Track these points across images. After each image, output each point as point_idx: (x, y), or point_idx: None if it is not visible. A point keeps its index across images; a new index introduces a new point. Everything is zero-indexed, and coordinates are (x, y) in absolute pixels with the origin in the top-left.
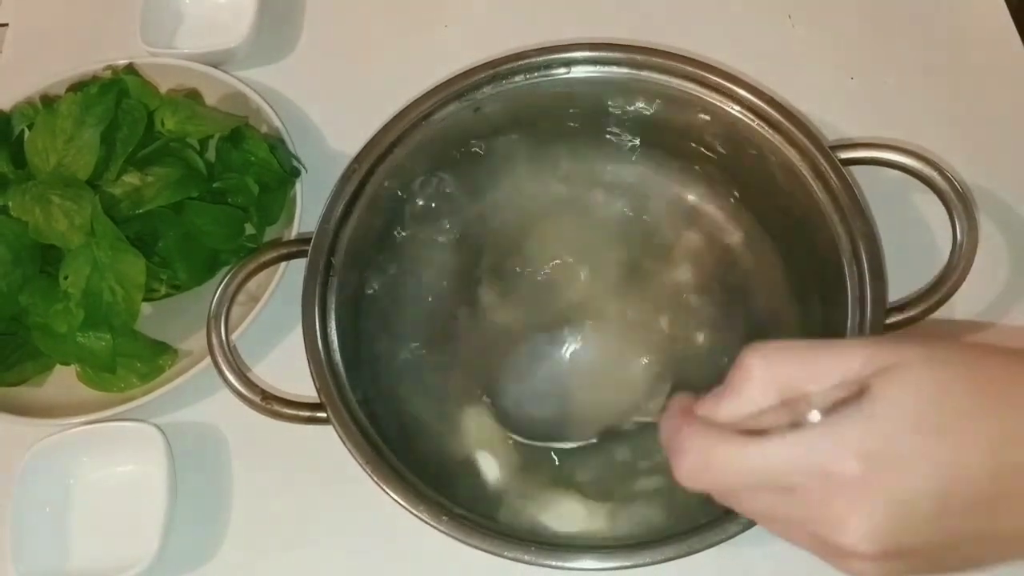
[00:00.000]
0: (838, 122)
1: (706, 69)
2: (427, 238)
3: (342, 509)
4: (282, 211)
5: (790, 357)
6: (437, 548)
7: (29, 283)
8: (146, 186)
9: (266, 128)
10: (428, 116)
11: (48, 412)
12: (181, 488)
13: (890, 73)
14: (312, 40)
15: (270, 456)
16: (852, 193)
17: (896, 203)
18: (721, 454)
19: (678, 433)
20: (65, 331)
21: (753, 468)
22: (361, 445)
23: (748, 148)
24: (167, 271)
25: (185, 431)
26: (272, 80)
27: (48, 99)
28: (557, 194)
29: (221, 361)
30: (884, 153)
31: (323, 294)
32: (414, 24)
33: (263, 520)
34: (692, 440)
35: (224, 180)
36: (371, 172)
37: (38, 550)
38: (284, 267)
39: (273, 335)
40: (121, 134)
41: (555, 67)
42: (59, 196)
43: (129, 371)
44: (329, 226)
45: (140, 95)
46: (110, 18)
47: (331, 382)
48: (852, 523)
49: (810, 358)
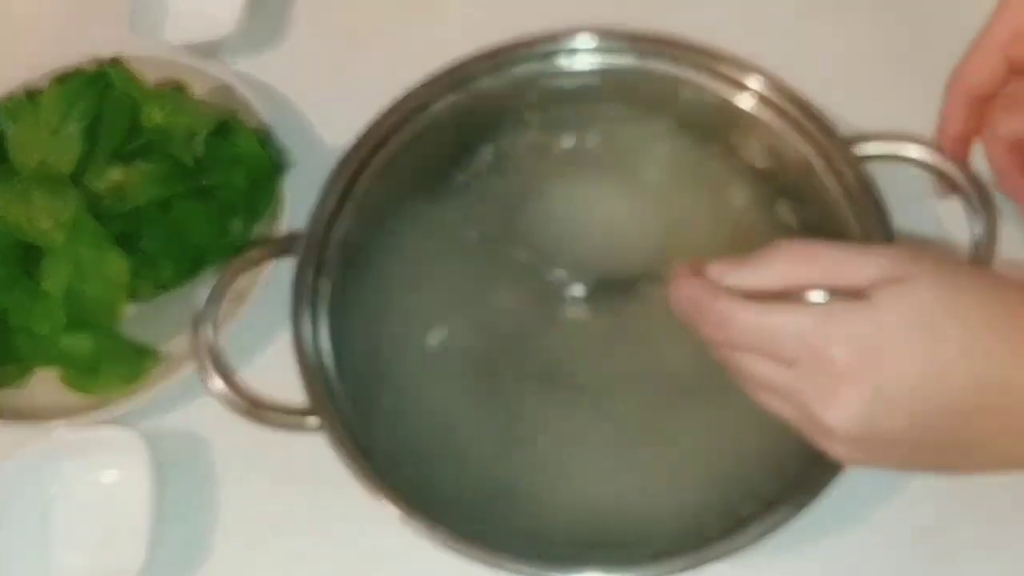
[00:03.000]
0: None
1: (716, 58)
2: (423, 235)
3: (332, 517)
4: (270, 207)
5: (819, 252)
6: (431, 558)
7: (10, 283)
8: (131, 182)
9: (255, 121)
10: (424, 108)
11: (29, 416)
12: (166, 495)
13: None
14: (303, 31)
15: (257, 462)
16: (868, 188)
17: (913, 199)
18: (741, 311)
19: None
20: (47, 333)
21: (766, 329)
22: (352, 452)
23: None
24: (152, 270)
25: (170, 436)
26: (262, 72)
27: (32, 91)
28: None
29: (207, 364)
30: (902, 148)
31: (313, 294)
32: (409, 13)
33: (250, 528)
34: (719, 299)
35: (211, 175)
36: (364, 166)
37: (19, 560)
38: (272, 266)
39: (261, 337)
40: (106, 128)
41: (557, 56)
42: (42, 193)
43: (112, 374)
44: (320, 222)
45: (126, 88)
46: (96, 9)
47: (321, 386)
48: (835, 403)
49: (837, 258)
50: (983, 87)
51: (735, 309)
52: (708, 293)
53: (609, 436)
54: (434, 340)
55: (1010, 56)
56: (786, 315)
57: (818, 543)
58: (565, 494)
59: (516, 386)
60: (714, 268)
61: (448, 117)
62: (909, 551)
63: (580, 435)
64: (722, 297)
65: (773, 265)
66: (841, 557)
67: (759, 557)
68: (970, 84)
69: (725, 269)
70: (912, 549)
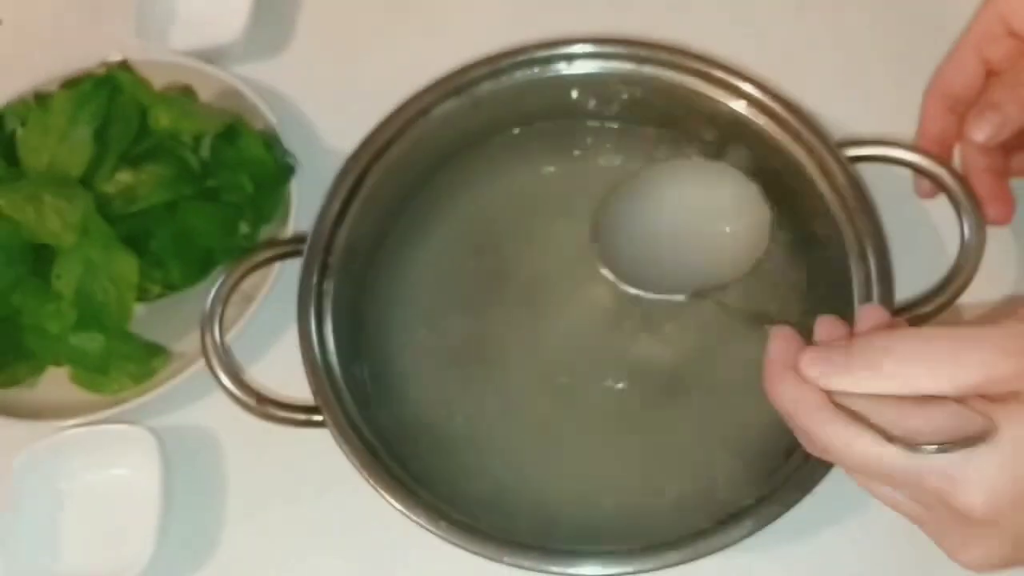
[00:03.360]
0: (845, 119)
1: (710, 64)
2: (426, 237)
3: (338, 513)
4: (277, 209)
5: (935, 346)
6: (435, 553)
7: (21, 283)
8: (139, 184)
9: (261, 125)
10: (426, 112)
11: (40, 414)
12: (174, 492)
13: (899, 70)
14: (308, 36)
15: (265, 459)
16: (860, 191)
17: (902, 201)
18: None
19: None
20: (57, 332)
21: (889, 469)
22: (357, 448)
23: (753, 144)
24: (161, 271)
25: (178, 434)
26: (267, 76)
27: (41, 96)
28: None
29: (215, 362)
30: (892, 150)
31: (319, 294)
32: (412, 19)
33: (259, 524)
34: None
35: (218, 178)
36: (368, 169)
37: (30, 555)
38: (279, 267)
39: (268, 336)
40: (114, 131)
41: (556, 62)
42: (52, 195)
43: (122, 373)
44: (325, 225)
45: (134, 92)
46: (104, 14)
47: (327, 384)
48: (969, 551)
49: (956, 351)
50: (959, 89)
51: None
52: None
53: (608, 432)
54: (437, 338)
55: (987, 59)
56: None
57: (810, 537)
58: (565, 490)
59: (519, 384)
60: (813, 355)
61: (450, 121)
62: (901, 546)
63: (581, 432)
64: (838, 419)
65: (883, 365)
66: (832, 551)
67: (751, 551)
68: (946, 86)
69: (826, 360)
70: (904, 543)
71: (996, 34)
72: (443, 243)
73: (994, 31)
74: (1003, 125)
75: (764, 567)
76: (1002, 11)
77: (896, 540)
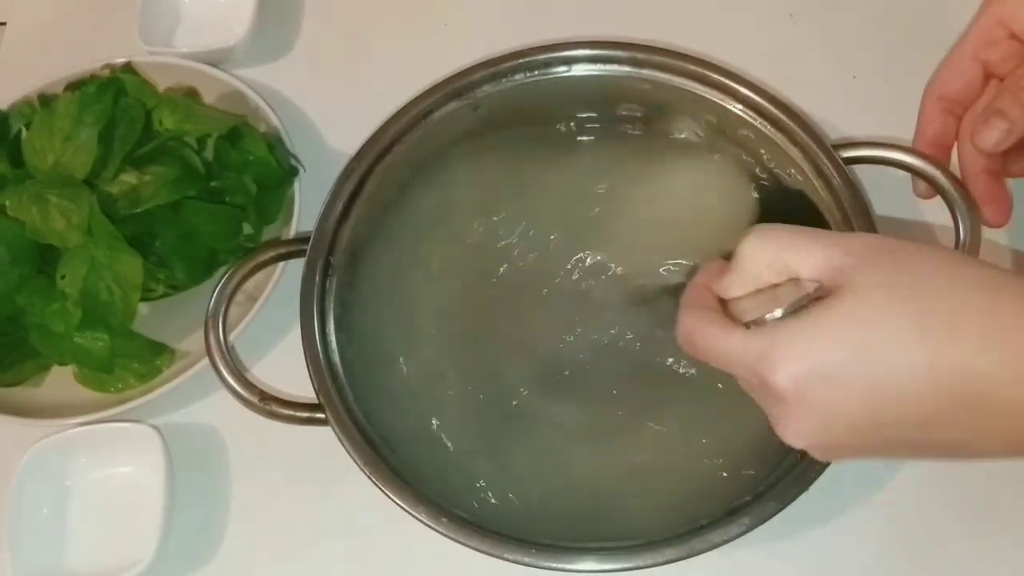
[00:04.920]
0: (840, 121)
1: (708, 67)
2: (427, 237)
3: (341, 510)
4: (280, 210)
5: (783, 241)
6: (437, 550)
7: (26, 283)
8: (144, 185)
9: (264, 127)
10: (428, 114)
11: (45, 412)
12: (179, 489)
13: (893, 72)
14: (311, 39)
15: (268, 457)
16: (855, 192)
17: (899, 203)
18: (698, 335)
19: (682, 306)
20: (62, 331)
21: (718, 354)
22: (360, 446)
23: (750, 146)
24: (165, 271)
25: (183, 432)
26: (270, 79)
27: (46, 98)
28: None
29: (219, 361)
30: (887, 152)
31: (322, 294)
32: (414, 22)
33: (262, 521)
34: (684, 316)
35: (222, 179)
36: (370, 171)
37: (36, 551)
38: (282, 267)
39: (271, 335)
40: (119, 133)
41: (555, 65)
42: (56, 195)
43: (126, 371)
44: (328, 225)
45: (138, 94)
46: (108, 17)
47: (329, 383)
48: (790, 428)
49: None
50: (957, 92)
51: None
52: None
53: (607, 430)
54: (439, 337)
55: (985, 62)
56: (738, 342)
57: (808, 533)
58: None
59: (522, 381)
60: (701, 275)
61: (451, 123)
62: (895, 540)
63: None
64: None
65: (749, 264)
66: (830, 547)
67: (749, 547)
68: (944, 89)
69: (707, 270)
70: (898, 538)
71: (995, 37)
72: (445, 243)
73: (994, 34)
74: (1010, 131)
75: (762, 563)
76: (1002, 14)
77: (893, 535)
